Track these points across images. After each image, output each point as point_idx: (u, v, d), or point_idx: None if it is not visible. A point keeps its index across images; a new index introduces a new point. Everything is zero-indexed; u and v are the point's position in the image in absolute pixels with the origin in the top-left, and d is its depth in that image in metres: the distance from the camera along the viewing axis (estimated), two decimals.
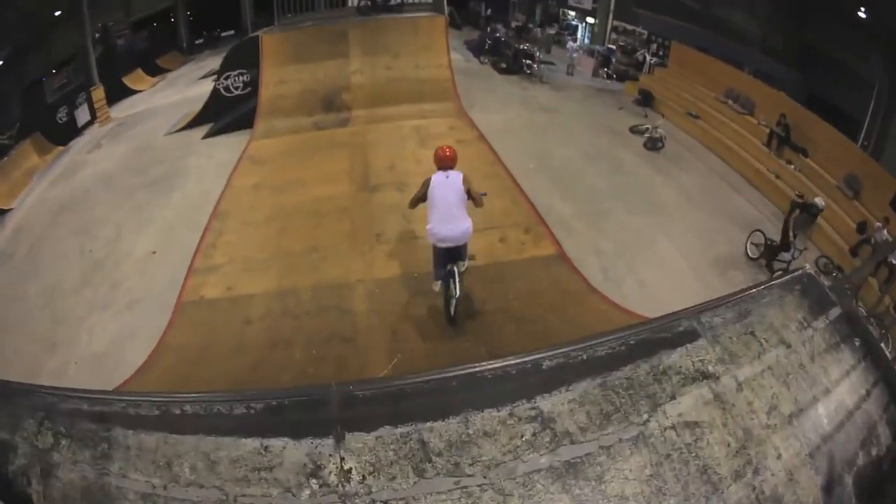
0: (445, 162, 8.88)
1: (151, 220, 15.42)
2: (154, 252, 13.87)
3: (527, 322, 9.76)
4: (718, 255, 12.47)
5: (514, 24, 31.61)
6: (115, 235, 15.38)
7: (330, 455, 3.41)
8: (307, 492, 3.39)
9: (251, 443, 3.62)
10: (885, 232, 13.05)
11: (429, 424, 3.35)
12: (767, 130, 17.40)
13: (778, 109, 17.56)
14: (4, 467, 4.25)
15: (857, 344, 4.35)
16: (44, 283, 14.51)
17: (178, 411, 4.04)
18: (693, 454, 3.38)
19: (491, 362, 3.60)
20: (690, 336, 3.89)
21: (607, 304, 10.47)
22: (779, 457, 3.58)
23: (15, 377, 6.06)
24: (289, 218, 13.50)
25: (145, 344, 10.94)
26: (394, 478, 3.22)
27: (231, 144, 18.50)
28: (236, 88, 20.58)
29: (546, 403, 3.32)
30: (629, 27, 26.76)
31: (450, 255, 8.98)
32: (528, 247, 11.79)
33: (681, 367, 3.63)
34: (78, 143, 25.82)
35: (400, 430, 3.34)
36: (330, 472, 3.35)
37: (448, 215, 8.70)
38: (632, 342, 3.73)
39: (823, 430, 3.88)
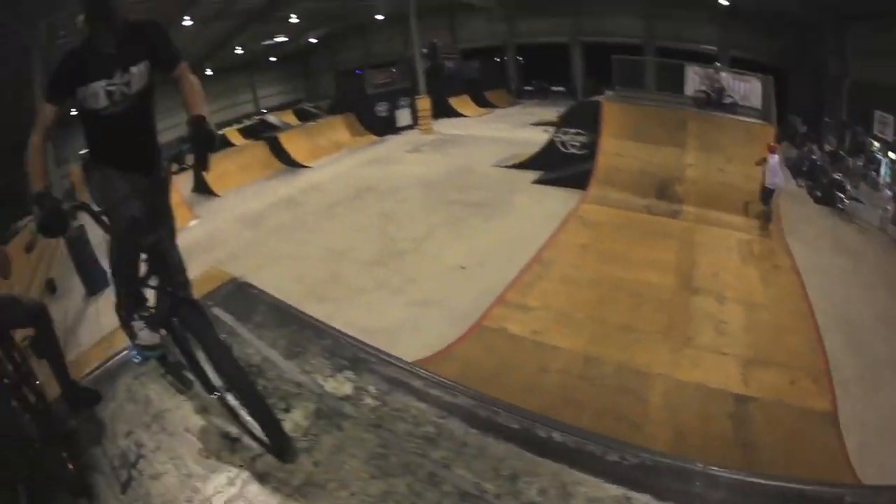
0: None
1: (466, 237, 16.68)
2: (464, 267, 14.90)
3: (783, 468, 9.87)
4: None
5: (827, 149, 30.73)
6: (423, 235, 16.67)
7: None
8: None
9: (615, 489, 3.91)
10: None
11: None
12: None
13: None
14: (251, 385, 4.45)
15: None
16: (331, 244, 15.99)
17: (543, 434, 4.40)
18: None
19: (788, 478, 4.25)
20: None
21: (851, 477, 10.25)
22: None
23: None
24: (611, 289, 14.27)
25: (425, 343, 11.69)
26: None
27: (560, 198, 19.56)
28: (572, 146, 21.98)
29: None
30: None
31: None
32: (812, 397, 11.90)
33: None
34: (395, 140, 27.93)
35: None
36: None
37: None
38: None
39: None
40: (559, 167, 21.90)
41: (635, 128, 21.29)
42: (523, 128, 31.97)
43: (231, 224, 19.71)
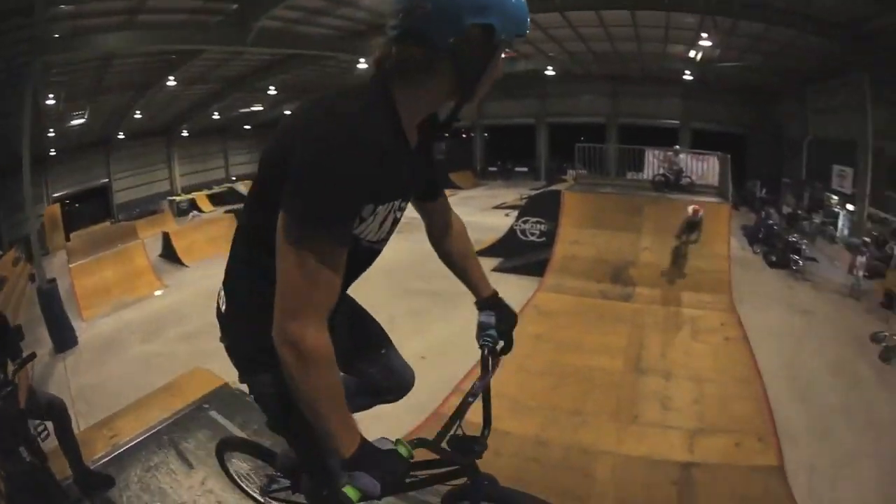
0: None
1: (427, 328, 17.17)
2: (423, 357, 14.11)
3: None
4: None
5: (785, 211, 32.07)
6: (386, 324, 16.83)
7: None
8: None
9: None
10: None
11: None
12: None
13: None
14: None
15: None
16: None
17: None
18: None
19: None
20: None
21: None
22: None
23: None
24: (563, 377, 14.85)
25: (384, 431, 11.80)
26: None
27: (518, 286, 19.98)
28: (532, 234, 22.91)
29: None
30: (882, 215, 26.21)
31: None
32: (757, 455, 12.54)
33: None
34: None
35: None
36: None
37: None
38: None
39: None
40: (519, 255, 22.52)
41: (594, 216, 22.04)
42: (486, 211, 33.45)
43: (198, 297, 19.96)
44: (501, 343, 3.68)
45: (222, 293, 3.26)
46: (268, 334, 2.53)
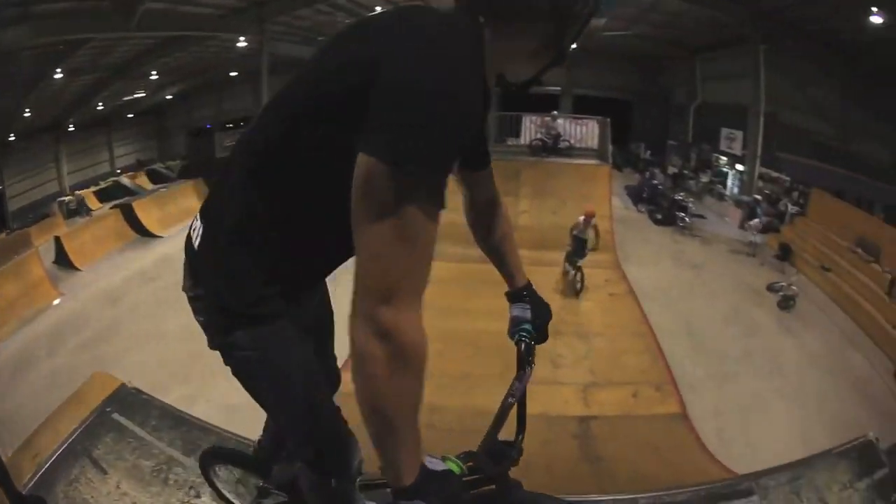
0: None
1: None
2: None
3: (639, 471, 10.59)
4: (828, 417, 12.47)
5: (671, 171, 32.52)
6: None
7: None
8: None
9: None
10: None
11: None
12: (889, 278, 16.81)
13: None
14: (163, 474, 4.97)
15: (893, 499, 4.96)
16: (188, 321, 15.78)
17: None
18: None
19: (601, 496, 4.86)
20: (746, 493, 4.88)
21: (711, 462, 11.21)
22: None
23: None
24: (449, 343, 14.41)
25: None
26: None
27: None
28: None
29: None
30: (774, 174, 26.91)
31: None
32: (656, 404, 12.55)
33: None
34: None
35: None
36: None
37: None
38: (703, 493, 4.88)
39: None
40: None
41: None
42: None
43: (94, 302, 19.25)
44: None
45: (198, 224, 2.44)
46: (258, 278, 2.22)
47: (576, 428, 11.63)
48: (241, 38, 32.65)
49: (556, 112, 26.28)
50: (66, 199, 44.74)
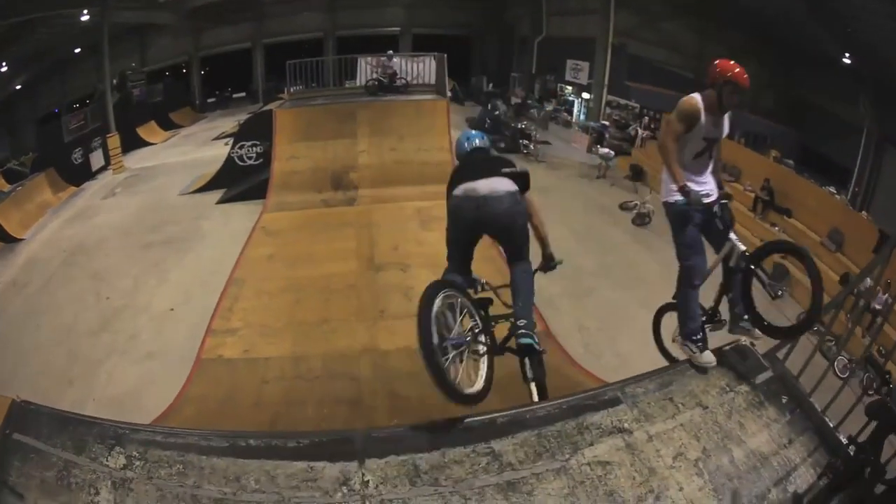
0: None
1: (168, 279, 16.51)
2: (172, 309, 14.87)
3: (510, 395, 10.77)
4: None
5: (514, 101, 33.27)
6: (132, 287, 16.34)
7: (355, 472, 4.75)
8: (339, 495, 4.60)
9: (300, 464, 4.83)
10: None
11: (420, 455, 4.76)
12: (752, 195, 18.26)
13: (763, 174, 18.52)
14: (65, 479, 5.00)
15: (784, 401, 5.44)
16: (59, 321, 15.38)
17: (243, 444, 5.22)
18: (602, 483, 4.54)
19: (465, 417, 4.95)
20: (613, 402, 5.12)
21: (584, 374, 11.58)
22: (681, 489, 4.66)
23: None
24: (302, 291, 14.60)
25: (164, 393, 11.85)
26: (395, 486, 4.55)
27: (244, 212, 19.65)
28: (249, 158, 22.10)
29: (497, 445, 4.74)
30: (622, 101, 28.03)
31: None
32: None
33: (601, 423, 4.77)
34: (92, 187, 26.51)
35: (401, 458, 4.76)
36: (355, 482, 4.64)
37: None
38: (565, 406, 4.97)
39: (730, 471, 4.86)
40: (240, 182, 22.09)
41: (307, 129, 21.88)
42: (207, 145, 32.15)
43: None
44: None
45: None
46: None
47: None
48: (85, 11, 31.53)
49: (391, 52, 26.24)
50: None
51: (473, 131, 6.18)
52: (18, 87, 46.62)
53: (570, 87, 32.32)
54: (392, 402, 10.86)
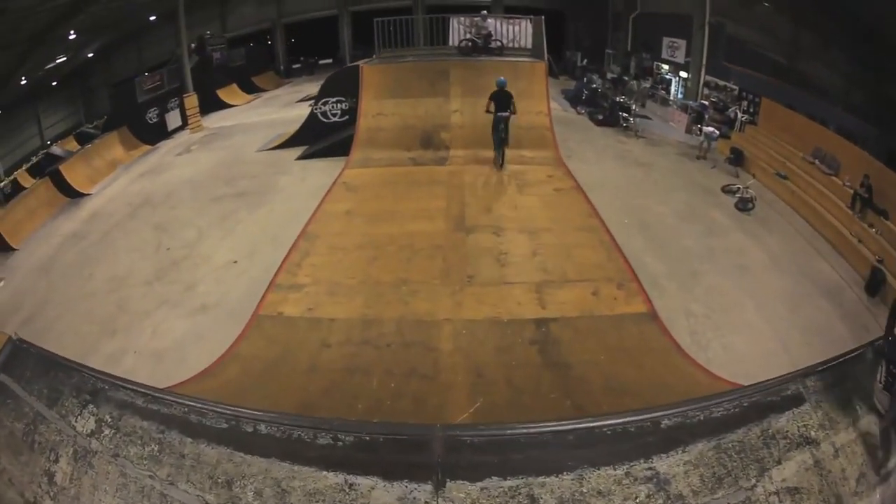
0: None
1: (235, 231, 16.08)
2: (235, 262, 14.37)
3: (613, 379, 9.65)
4: (802, 322, 11.92)
5: (609, 76, 32.19)
6: (195, 238, 16.09)
7: (426, 502, 3.42)
8: None
9: (334, 477, 3.55)
10: None
11: (540, 479, 3.37)
12: (851, 192, 16.78)
13: (862, 170, 17.05)
14: (30, 436, 4.75)
15: None
16: (114, 270, 15.26)
17: (250, 429, 4.20)
18: None
19: (609, 417, 3.61)
20: (797, 400, 4.23)
21: (694, 367, 10.30)
22: None
23: (65, 354, 6.70)
24: (380, 248, 13.67)
25: (211, 349, 11.31)
26: None
27: (324, 169, 19.05)
28: (334, 115, 21.40)
29: (663, 464, 3.42)
30: (721, 82, 26.88)
31: None
32: (620, 303, 11.59)
33: (787, 431, 3.85)
34: (167, 145, 26.75)
35: (509, 482, 3.35)
36: None
37: None
38: (745, 404, 3.91)
39: None
40: (322, 138, 21.52)
41: (395, 86, 21.23)
42: (290, 107, 31.79)
43: (29, 278, 18.07)
44: None
45: None
46: None
47: (532, 333, 10.61)
48: None
49: (485, 11, 25.22)
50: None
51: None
52: (91, 54, 47.40)
53: (666, 66, 31.25)
54: (474, 380, 9.65)
